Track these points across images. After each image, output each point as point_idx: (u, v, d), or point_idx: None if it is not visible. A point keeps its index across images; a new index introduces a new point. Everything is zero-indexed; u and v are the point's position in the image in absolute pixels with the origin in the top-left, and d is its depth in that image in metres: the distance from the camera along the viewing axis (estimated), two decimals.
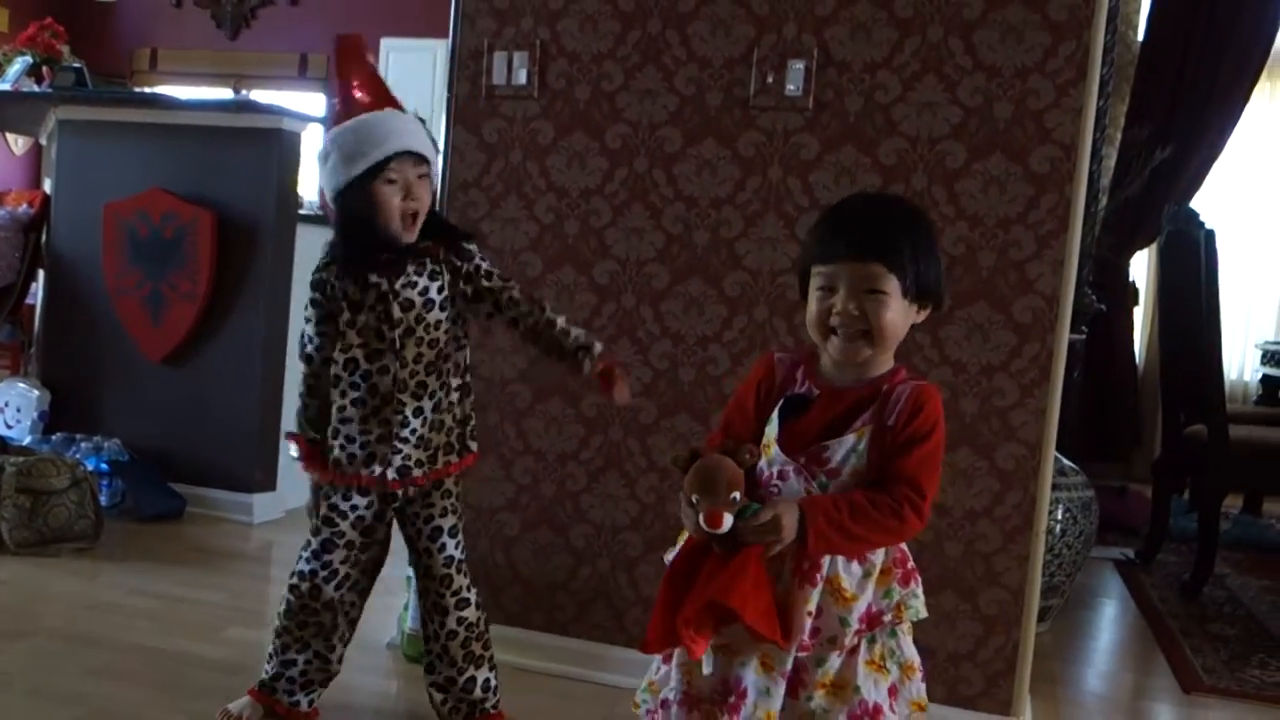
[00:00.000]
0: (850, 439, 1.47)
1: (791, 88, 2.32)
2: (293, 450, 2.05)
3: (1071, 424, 4.06)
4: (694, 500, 1.45)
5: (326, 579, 2.07)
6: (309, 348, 2.05)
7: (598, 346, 2.01)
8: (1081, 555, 3.02)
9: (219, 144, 3.73)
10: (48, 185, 4.28)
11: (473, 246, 2.06)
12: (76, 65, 4.07)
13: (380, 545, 2.12)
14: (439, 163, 2.08)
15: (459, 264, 2.03)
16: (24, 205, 4.20)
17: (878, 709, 1.48)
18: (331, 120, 2.01)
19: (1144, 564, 4.04)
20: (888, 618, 1.50)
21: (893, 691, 1.51)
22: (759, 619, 1.42)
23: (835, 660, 1.48)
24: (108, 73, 7.80)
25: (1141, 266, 5.99)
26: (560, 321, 2.04)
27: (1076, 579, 3.14)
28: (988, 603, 2.23)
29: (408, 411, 1.99)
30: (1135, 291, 5.88)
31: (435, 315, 1.99)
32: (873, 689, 1.48)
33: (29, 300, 4.47)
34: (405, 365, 1.98)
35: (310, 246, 3.82)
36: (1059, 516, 2.92)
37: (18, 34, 4.51)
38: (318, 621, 2.09)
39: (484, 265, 2.05)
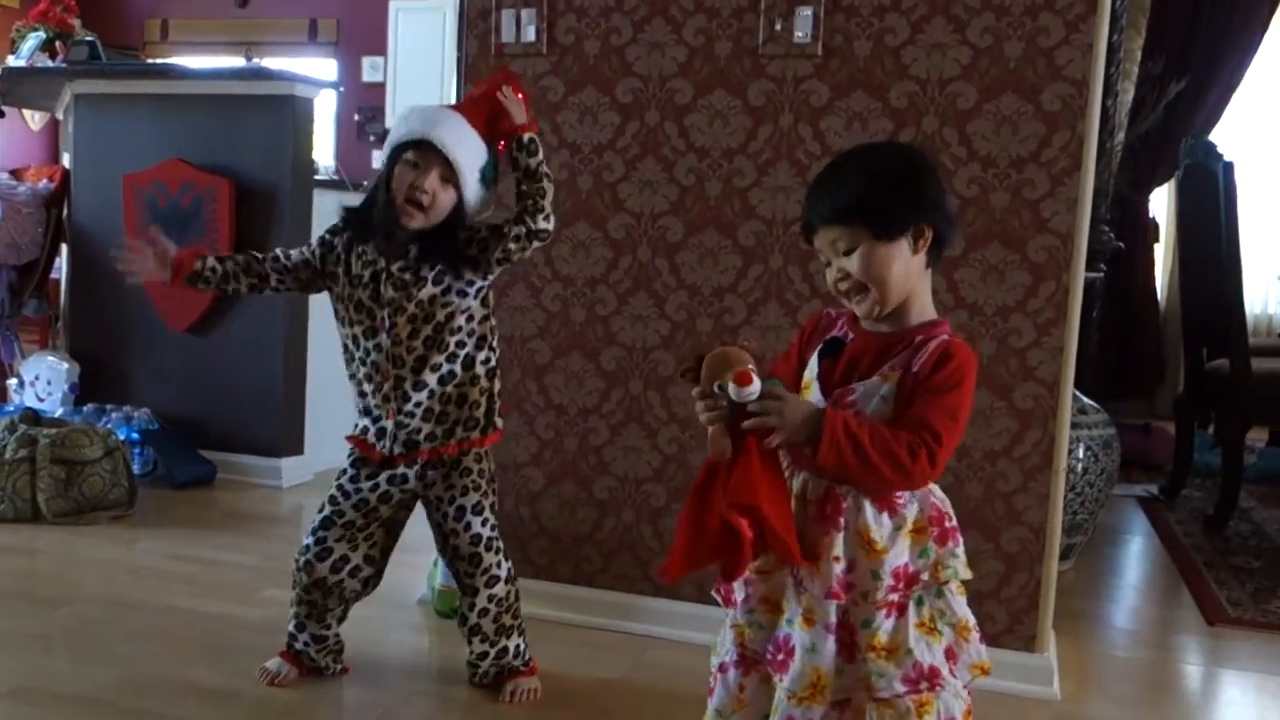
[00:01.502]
0: (875, 381, 1.45)
1: (800, 34, 2.31)
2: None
3: (1093, 362, 4.06)
4: (715, 388, 1.41)
5: (319, 556, 2.11)
6: (287, 251, 2.13)
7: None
8: (1104, 493, 3.04)
9: (234, 112, 3.76)
10: (66, 160, 4.32)
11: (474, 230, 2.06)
12: (90, 39, 4.08)
13: (385, 529, 2.15)
14: (480, 194, 2.05)
15: (476, 254, 2.04)
16: (44, 180, 4.24)
17: (934, 671, 1.43)
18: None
19: (1168, 500, 4.04)
20: (925, 576, 1.46)
21: (950, 654, 1.47)
22: (778, 520, 1.39)
23: (884, 621, 1.44)
24: (119, 45, 7.78)
25: (1162, 203, 5.94)
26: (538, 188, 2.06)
27: (1100, 516, 3.15)
28: (1009, 541, 2.25)
29: (407, 386, 2.03)
30: (1155, 228, 5.84)
31: (428, 291, 2.01)
32: (925, 651, 1.44)
33: (54, 275, 4.51)
34: (400, 341, 2.02)
35: (328, 212, 3.86)
36: (1080, 455, 2.93)
37: (28, 9, 4.52)
38: (310, 600, 2.14)
39: (495, 230, 2.05)
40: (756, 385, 1.38)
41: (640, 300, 2.47)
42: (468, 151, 2.00)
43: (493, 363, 2.10)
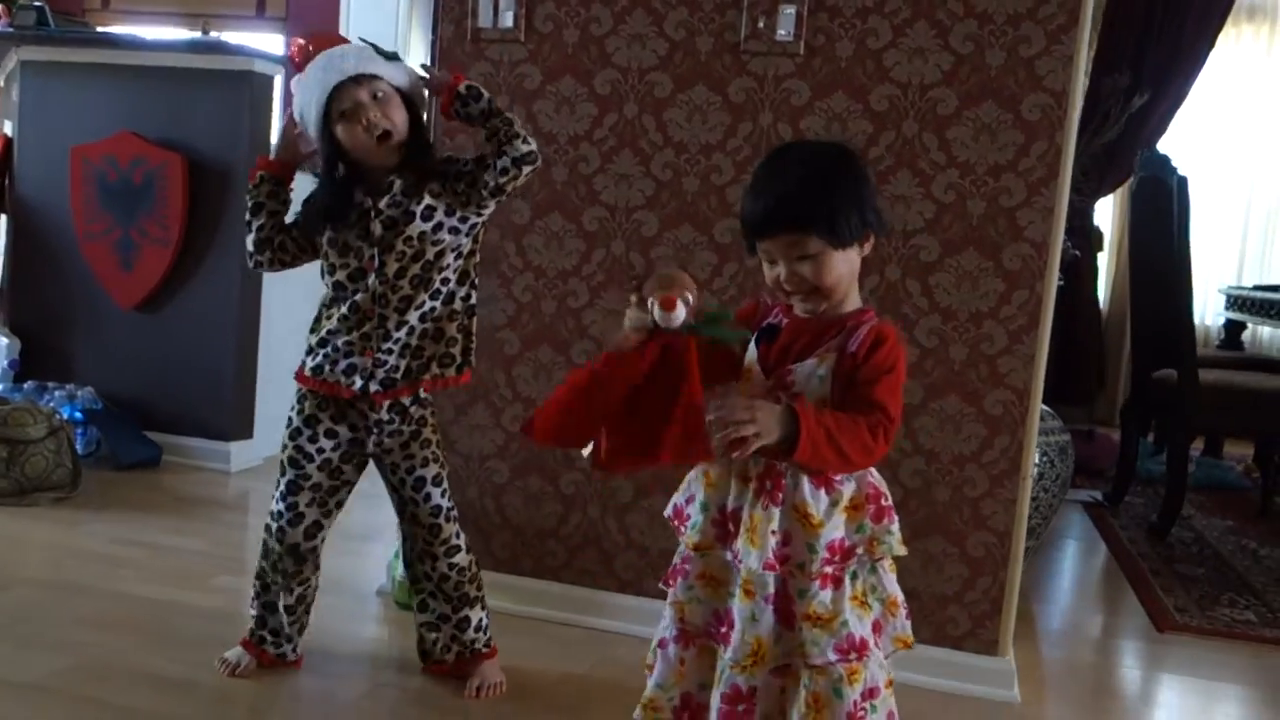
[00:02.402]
0: (812, 363, 1.52)
1: (783, 32, 2.31)
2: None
3: None
4: (648, 303, 1.47)
5: (292, 522, 2.08)
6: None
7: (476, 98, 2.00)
8: (1058, 499, 3.08)
9: (189, 86, 3.66)
10: (8, 128, 4.17)
11: (458, 161, 2.03)
12: (38, 4, 3.96)
13: (347, 486, 2.13)
14: (402, 70, 1.99)
15: (449, 180, 2.00)
16: None
17: (864, 643, 1.52)
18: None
19: (1112, 506, 4.12)
20: (860, 551, 1.54)
21: (876, 627, 1.56)
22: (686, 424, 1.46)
23: (820, 592, 1.52)
24: (58, 9, 7.60)
25: (1105, 212, 6.05)
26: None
27: (1051, 522, 3.20)
28: (975, 545, 2.27)
29: (390, 325, 2.00)
30: (1100, 237, 5.95)
31: (417, 227, 1.98)
32: (857, 623, 1.53)
33: None
34: (386, 280, 1.98)
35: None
36: (1037, 460, 2.96)
37: None
38: (283, 569, 2.10)
39: (473, 162, 2.01)
40: (679, 313, 1.45)
41: (613, 294, 2.45)
42: (360, 58, 1.94)
43: (472, 299, 2.07)
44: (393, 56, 1.98)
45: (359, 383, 2.01)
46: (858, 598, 1.55)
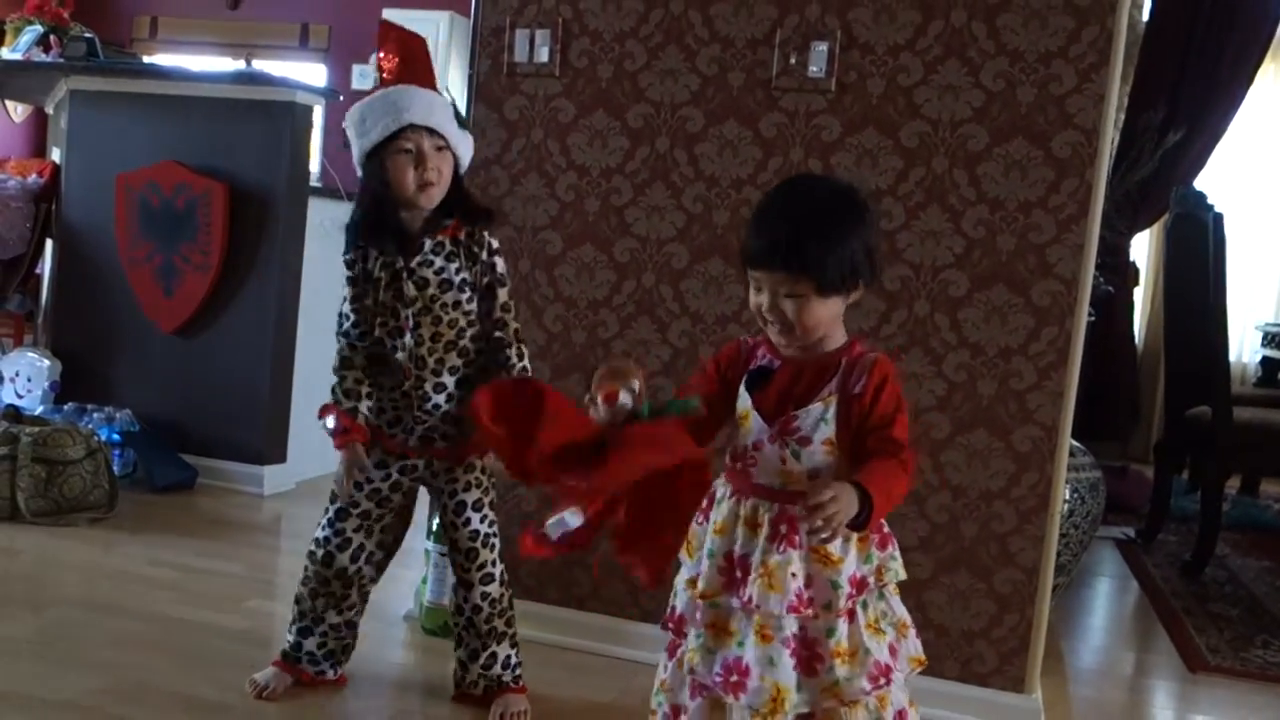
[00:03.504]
0: (818, 408, 1.54)
1: (814, 69, 2.33)
2: (329, 422, 2.05)
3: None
4: (588, 399, 1.51)
5: (340, 547, 2.12)
6: (345, 324, 2.09)
7: None
8: (1088, 535, 3.06)
9: (232, 116, 3.73)
10: (56, 155, 4.27)
11: (494, 242, 2.10)
12: (88, 35, 4.05)
13: (398, 516, 2.18)
14: (466, 141, 2.09)
15: (477, 252, 2.07)
16: (34, 175, 4.19)
17: (888, 668, 1.55)
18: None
19: (1145, 544, 4.08)
20: (870, 581, 1.57)
21: (892, 651, 1.58)
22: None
23: (843, 627, 1.54)
24: (106, 40, 7.77)
25: (1141, 247, 6.02)
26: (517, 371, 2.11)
27: (1081, 559, 3.18)
28: (1002, 582, 2.26)
29: (428, 387, 2.04)
30: (1136, 272, 5.91)
31: (453, 295, 2.04)
32: (877, 649, 1.55)
33: (36, 271, 4.46)
34: (422, 343, 2.03)
35: (322, 220, 3.85)
36: (1067, 496, 2.95)
37: (22, 2, 4.48)
38: (329, 592, 2.14)
39: (500, 275, 2.09)
40: (623, 401, 1.47)
41: (643, 325, 2.47)
42: (443, 114, 2.03)
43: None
44: (464, 124, 2.07)
45: (399, 436, 2.07)
46: (872, 625, 1.57)
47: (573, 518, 1.50)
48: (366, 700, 2.19)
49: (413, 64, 2.05)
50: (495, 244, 2.10)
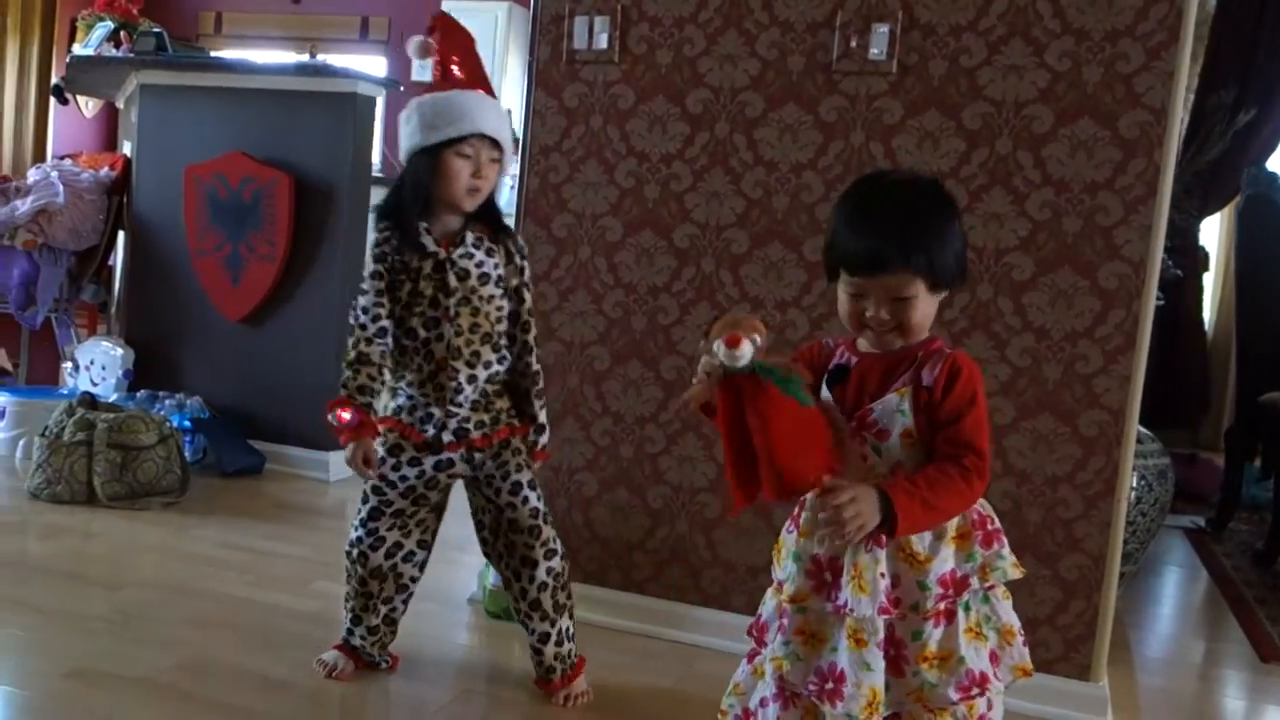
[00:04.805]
0: (892, 398, 1.49)
1: (875, 51, 2.31)
2: (344, 415, 2.01)
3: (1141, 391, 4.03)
4: (713, 346, 1.40)
5: (373, 546, 2.14)
6: (364, 318, 2.06)
7: (546, 434, 2.19)
8: (1156, 523, 3.01)
9: (296, 108, 3.80)
10: (127, 148, 4.37)
11: (524, 247, 2.16)
12: (157, 31, 4.14)
13: (433, 512, 2.19)
14: (510, 156, 2.12)
15: (512, 251, 2.12)
16: (106, 168, 4.29)
17: (984, 678, 1.46)
18: (427, 88, 2.07)
19: (1215, 532, 4.00)
20: (974, 581, 1.49)
21: (993, 658, 1.50)
22: (797, 465, 1.41)
23: (933, 630, 1.47)
24: (173, 35, 7.92)
25: (1211, 231, 5.88)
26: (537, 391, 2.16)
27: (1149, 547, 3.13)
28: (1068, 568, 2.24)
29: (461, 378, 2.06)
30: (1206, 257, 5.79)
31: (490, 290, 2.07)
32: (975, 657, 1.47)
33: (109, 262, 4.57)
34: (460, 333, 2.05)
35: None
36: (1134, 484, 2.90)
37: None
38: (367, 591, 2.17)
39: (528, 281, 2.14)
40: (745, 350, 1.37)
41: (702, 311, 2.47)
42: (506, 130, 2.07)
43: (534, 366, 2.16)
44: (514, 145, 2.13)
45: (431, 431, 2.08)
46: (972, 629, 1.49)
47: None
48: (430, 683, 2.22)
49: (479, 69, 2.08)
50: (525, 249, 2.15)
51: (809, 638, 1.52)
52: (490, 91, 2.09)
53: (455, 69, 2.05)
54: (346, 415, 2.01)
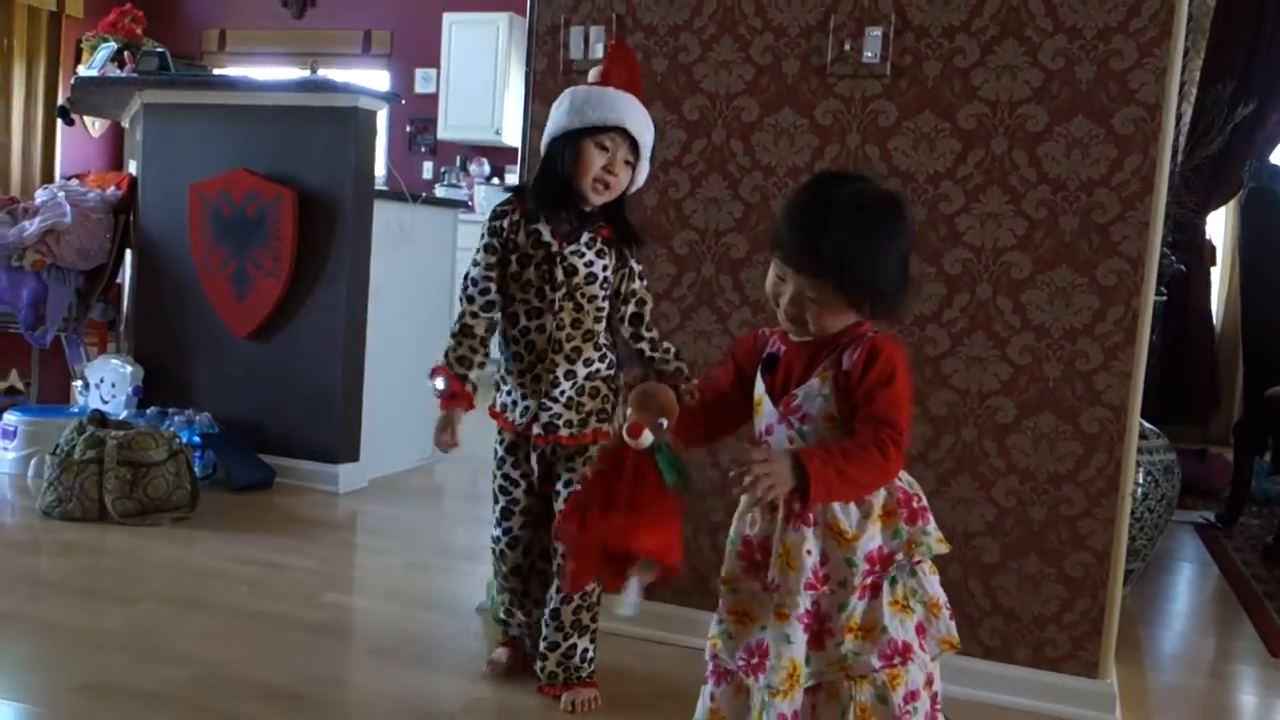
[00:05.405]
0: (814, 383, 1.55)
1: (869, 54, 2.32)
2: (439, 383, 2.09)
3: (1148, 386, 4.02)
4: (626, 415, 1.55)
5: (510, 545, 2.21)
6: (472, 289, 2.12)
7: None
8: (1163, 519, 3.01)
9: (298, 124, 3.82)
10: (133, 167, 4.40)
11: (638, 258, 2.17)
12: (160, 50, 4.17)
13: (549, 503, 2.21)
14: (646, 169, 2.13)
15: (626, 256, 2.13)
16: (112, 188, 4.32)
17: (907, 647, 1.54)
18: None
19: (1225, 527, 4.00)
20: (899, 556, 1.55)
21: (920, 630, 1.57)
22: (655, 550, 1.51)
23: (857, 603, 1.54)
24: (177, 54, 7.98)
25: (1218, 226, 5.88)
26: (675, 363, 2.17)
27: (1157, 543, 3.12)
28: (1073, 566, 2.24)
29: (559, 372, 2.09)
30: (1212, 251, 5.79)
31: (594, 290, 2.09)
32: (899, 628, 1.54)
33: (117, 280, 4.60)
34: (563, 327, 2.08)
35: (389, 222, 3.92)
36: (1140, 480, 2.90)
37: (94, 18, 4.62)
38: (510, 588, 2.23)
39: (640, 286, 2.15)
40: (645, 440, 1.52)
41: (703, 316, 2.49)
42: (649, 137, 2.10)
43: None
44: (654, 159, 2.16)
45: (522, 421, 2.11)
46: (898, 602, 1.56)
47: (641, 581, 1.54)
48: (440, 688, 2.23)
49: (637, 84, 2.11)
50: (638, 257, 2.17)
51: (740, 616, 1.60)
52: (644, 103, 2.11)
53: (614, 73, 2.08)
54: (440, 384, 2.09)
